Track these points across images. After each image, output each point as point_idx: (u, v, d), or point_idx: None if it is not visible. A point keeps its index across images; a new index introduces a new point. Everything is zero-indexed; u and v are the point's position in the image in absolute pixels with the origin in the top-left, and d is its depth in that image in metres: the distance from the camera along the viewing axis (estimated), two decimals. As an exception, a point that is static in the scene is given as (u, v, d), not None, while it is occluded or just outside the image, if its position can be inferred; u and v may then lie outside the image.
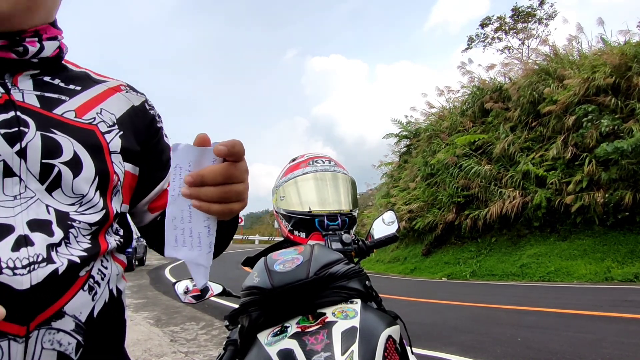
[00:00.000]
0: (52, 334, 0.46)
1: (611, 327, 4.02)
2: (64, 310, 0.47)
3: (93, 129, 0.54)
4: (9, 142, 0.46)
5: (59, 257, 0.47)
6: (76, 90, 0.57)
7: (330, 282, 0.87)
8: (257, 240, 29.69)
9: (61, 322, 0.47)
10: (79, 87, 0.57)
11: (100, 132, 0.55)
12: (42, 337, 0.45)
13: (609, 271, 7.41)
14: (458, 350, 3.61)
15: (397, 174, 15.90)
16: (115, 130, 0.57)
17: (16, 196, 0.47)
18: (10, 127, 0.47)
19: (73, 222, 0.50)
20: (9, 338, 0.43)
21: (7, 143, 0.46)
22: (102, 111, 0.57)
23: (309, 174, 1.24)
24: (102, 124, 0.56)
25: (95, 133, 0.54)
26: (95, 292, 0.51)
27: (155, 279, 9.67)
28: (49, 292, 0.46)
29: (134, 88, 0.66)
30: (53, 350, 0.46)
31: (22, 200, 0.47)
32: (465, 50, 18.80)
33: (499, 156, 10.63)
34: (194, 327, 4.96)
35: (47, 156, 0.49)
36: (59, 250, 0.48)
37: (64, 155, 0.50)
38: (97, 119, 0.56)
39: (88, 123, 0.54)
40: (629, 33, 9.71)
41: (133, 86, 0.67)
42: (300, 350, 0.72)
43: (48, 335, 0.46)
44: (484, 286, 8.21)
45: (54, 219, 0.48)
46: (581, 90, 9.16)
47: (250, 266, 1.16)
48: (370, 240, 1.23)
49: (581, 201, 8.51)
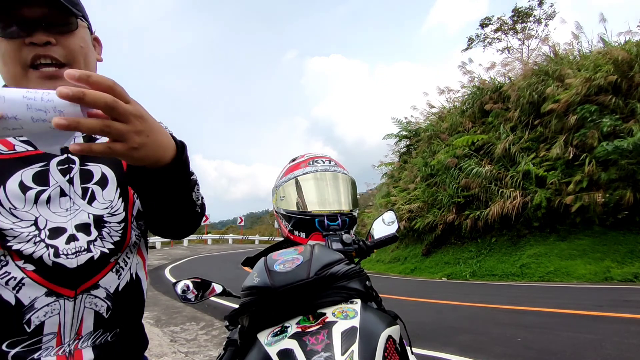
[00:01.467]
0: (90, 298, 0.70)
1: (611, 327, 4.02)
2: (98, 284, 0.71)
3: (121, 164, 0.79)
4: (63, 174, 0.72)
5: (94, 249, 0.71)
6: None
7: (331, 282, 0.87)
8: (257, 240, 29.68)
9: (96, 291, 0.71)
10: None
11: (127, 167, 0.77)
12: (84, 300, 0.69)
13: (608, 271, 7.41)
14: (458, 350, 3.61)
15: (397, 174, 15.90)
16: None
17: (67, 209, 0.71)
18: (64, 165, 0.73)
19: (105, 223, 0.74)
20: (64, 298, 0.67)
21: (61, 175, 0.72)
22: None
23: (309, 174, 1.24)
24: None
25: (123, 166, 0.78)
26: (120, 274, 0.74)
27: (155, 279, 9.67)
28: (88, 271, 0.70)
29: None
30: (91, 309, 0.70)
31: (71, 212, 0.71)
32: (465, 50, 18.84)
33: (499, 156, 10.63)
34: (194, 327, 4.96)
35: (84, 181, 0.74)
36: (95, 244, 0.71)
37: (94, 178, 0.75)
38: None
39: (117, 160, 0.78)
40: (630, 33, 9.72)
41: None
42: (300, 351, 0.72)
43: (88, 299, 0.70)
44: (483, 286, 8.21)
45: (92, 222, 0.72)
46: (583, 90, 9.15)
47: (250, 266, 1.15)
48: (371, 240, 1.22)
49: (581, 201, 8.50)
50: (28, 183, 0.68)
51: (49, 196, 0.69)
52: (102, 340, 0.71)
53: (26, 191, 0.68)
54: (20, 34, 0.67)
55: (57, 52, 0.70)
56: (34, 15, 0.67)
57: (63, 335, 0.67)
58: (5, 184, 0.67)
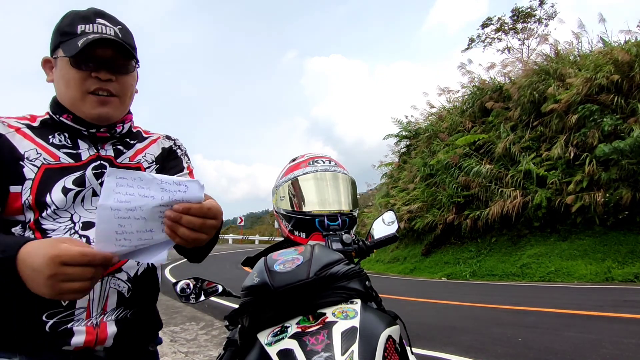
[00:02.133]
0: (114, 280, 0.83)
1: (611, 327, 4.02)
2: (121, 268, 0.84)
3: (139, 166, 0.95)
4: (96, 177, 0.85)
5: None
6: (132, 144, 0.98)
7: (331, 282, 0.87)
8: (257, 240, 29.68)
9: (120, 274, 0.84)
10: (134, 141, 0.98)
11: (144, 167, 0.96)
12: (109, 281, 0.82)
13: (609, 271, 7.41)
14: (458, 350, 3.61)
15: (396, 175, 15.91)
16: (153, 165, 0.98)
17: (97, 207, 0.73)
18: (98, 169, 0.86)
19: None
20: None
21: (95, 178, 0.85)
22: (146, 154, 0.98)
23: (310, 174, 1.23)
24: (145, 162, 0.97)
25: (140, 168, 0.95)
26: (139, 262, 0.86)
27: (155, 279, 9.68)
28: None
29: (169, 136, 1.07)
30: (115, 289, 0.83)
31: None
32: (465, 50, 18.83)
33: (499, 155, 10.63)
34: (194, 327, 4.96)
35: None
36: None
37: None
38: (142, 160, 0.97)
39: (136, 163, 0.95)
40: (630, 32, 9.71)
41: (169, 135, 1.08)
42: (301, 351, 0.72)
43: (112, 280, 0.83)
44: (484, 286, 8.21)
45: None
46: (584, 90, 9.15)
47: (250, 266, 1.15)
48: (370, 241, 1.22)
49: (581, 201, 8.50)
50: (69, 186, 0.82)
51: (83, 196, 0.84)
52: (123, 315, 0.84)
53: (67, 193, 0.81)
54: (90, 67, 0.83)
55: (114, 87, 0.86)
56: (104, 56, 0.84)
57: (92, 309, 0.80)
58: (51, 191, 0.80)
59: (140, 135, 1.01)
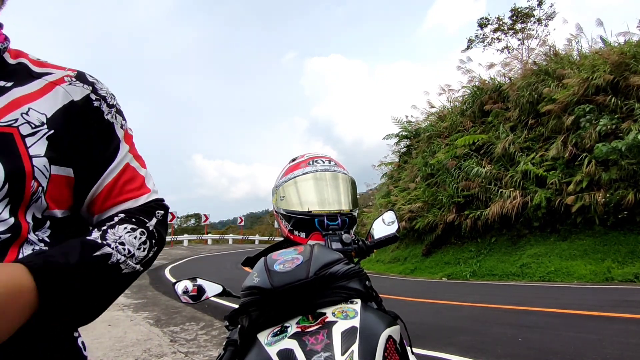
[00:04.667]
0: None
1: (611, 327, 4.01)
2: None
3: (12, 131, 0.50)
4: None
5: None
6: (5, 88, 0.53)
7: (331, 282, 0.87)
8: (257, 240, 29.68)
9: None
10: (9, 83, 0.54)
11: (21, 134, 0.50)
12: None
13: (609, 271, 7.41)
14: (458, 350, 3.60)
15: (397, 174, 15.91)
16: (42, 130, 0.52)
17: None
18: None
19: None
20: None
21: None
22: (29, 111, 0.53)
23: (309, 174, 1.23)
24: (26, 125, 0.51)
25: (13, 136, 0.49)
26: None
27: (155, 279, 9.66)
28: None
29: (84, 77, 0.60)
30: None
31: None
32: (465, 50, 18.82)
33: (499, 156, 10.63)
34: (194, 327, 4.96)
35: None
36: None
37: None
38: (20, 120, 0.51)
39: (7, 125, 0.50)
40: (629, 33, 9.72)
41: (85, 74, 0.61)
42: (300, 351, 0.72)
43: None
44: (484, 286, 8.21)
45: None
46: (580, 90, 9.16)
47: (250, 266, 1.15)
48: (371, 240, 1.22)
49: (581, 201, 8.50)
50: None
51: None
52: None
53: None
54: None
55: None
56: None
57: None
58: None
59: (26, 72, 0.57)
